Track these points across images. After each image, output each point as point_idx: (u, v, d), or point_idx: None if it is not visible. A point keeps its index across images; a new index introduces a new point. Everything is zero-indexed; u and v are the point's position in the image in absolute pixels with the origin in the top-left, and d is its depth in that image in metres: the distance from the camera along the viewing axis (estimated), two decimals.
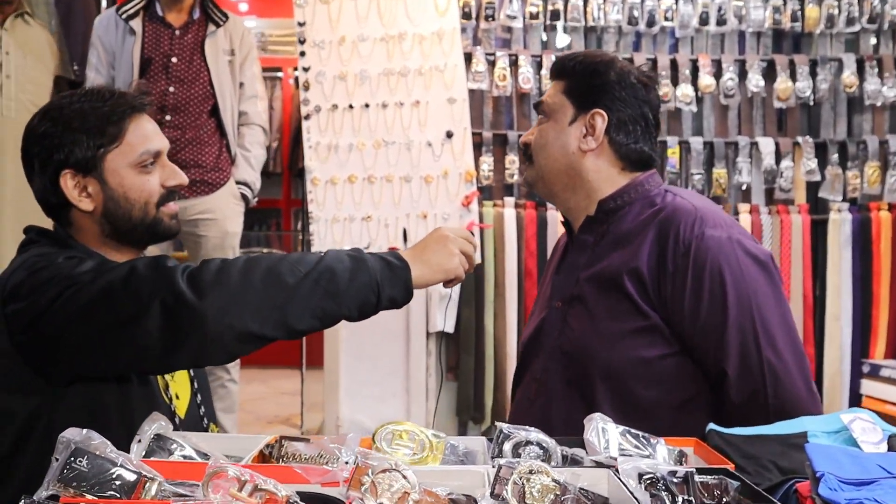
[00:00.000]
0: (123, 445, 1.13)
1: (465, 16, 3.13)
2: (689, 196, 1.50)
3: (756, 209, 3.04)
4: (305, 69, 3.08)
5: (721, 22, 3.09)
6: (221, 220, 2.98)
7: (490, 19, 3.13)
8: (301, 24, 3.08)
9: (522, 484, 0.90)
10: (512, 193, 3.15)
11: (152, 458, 1.08)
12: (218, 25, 2.99)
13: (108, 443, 0.94)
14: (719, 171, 3.06)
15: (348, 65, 3.07)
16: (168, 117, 2.90)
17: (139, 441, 1.11)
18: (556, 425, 1.44)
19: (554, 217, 3.06)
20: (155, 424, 1.12)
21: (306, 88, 3.09)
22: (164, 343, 1.13)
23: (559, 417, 1.46)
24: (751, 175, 3.06)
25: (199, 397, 1.42)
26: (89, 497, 0.90)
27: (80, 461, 0.91)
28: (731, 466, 1.04)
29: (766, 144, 3.06)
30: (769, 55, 3.12)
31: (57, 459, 0.92)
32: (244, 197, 3.06)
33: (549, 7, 3.12)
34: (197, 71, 2.95)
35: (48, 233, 1.33)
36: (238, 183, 3.04)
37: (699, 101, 3.10)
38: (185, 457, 1.11)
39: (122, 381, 1.25)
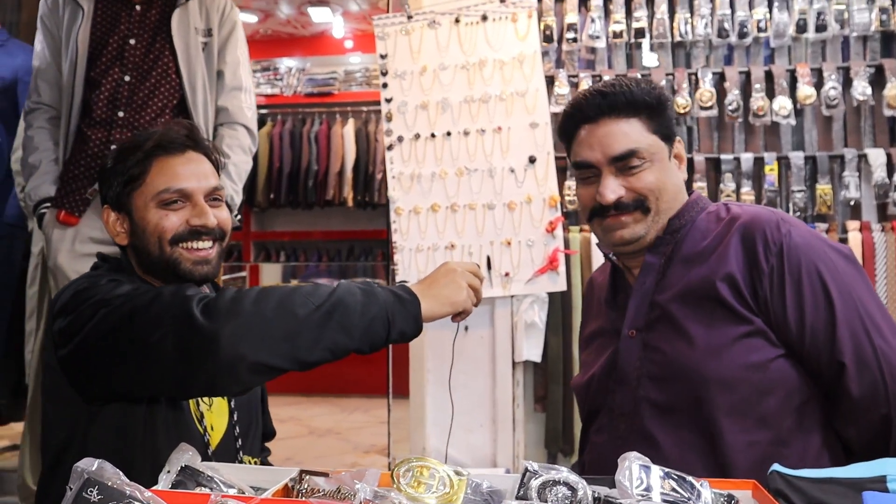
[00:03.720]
0: (147, 470, 1.15)
1: (547, 39, 3.08)
2: (753, 205, 1.50)
3: (867, 226, 2.80)
4: (388, 100, 3.12)
5: (820, 28, 2.90)
6: None
7: (572, 41, 3.07)
8: (383, 57, 3.12)
9: None
10: None
11: (178, 490, 1.08)
12: None
13: (121, 473, 0.94)
14: (823, 188, 2.85)
15: (430, 94, 3.08)
16: (121, 114, 2.31)
17: (168, 472, 1.11)
18: (669, 456, 1.36)
19: None
20: (185, 455, 1.13)
21: (389, 119, 3.12)
22: (179, 368, 1.15)
23: (670, 447, 1.38)
24: (859, 190, 2.83)
25: (237, 430, 1.42)
26: None
27: (92, 491, 0.92)
28: None
29: (877, 156, 2.82)
30: (877, 60, 2.89)
31: (71, 488, 0.94)
32: None
33: (634, 25, 3.02)
34: (158, 55, 2.34)
35: (108, 258, 1.41)
36: None
37: (798, 113, 2.91)
38: (212, 489, 1.11)
39: (151, 406, 1.29)
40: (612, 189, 1.45)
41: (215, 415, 1.39)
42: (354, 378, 5.62)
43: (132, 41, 2.34)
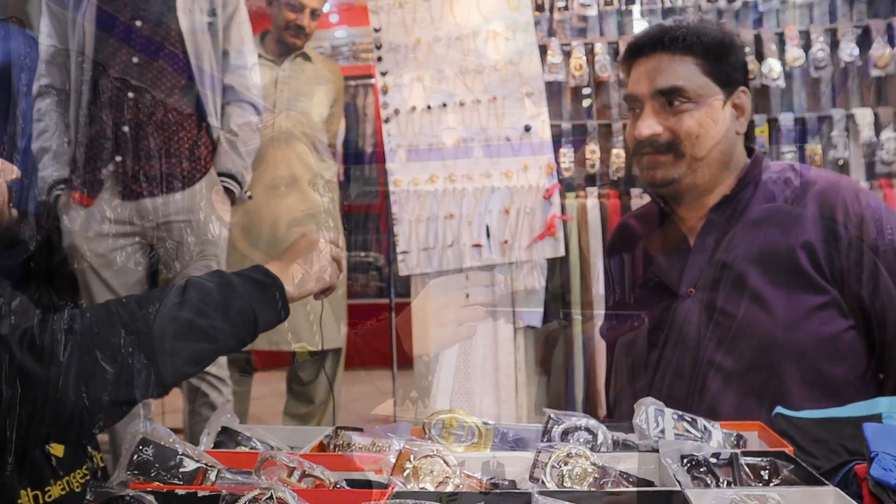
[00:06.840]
0: None
1: (539, 8, 3.11)
2: (828, 171, 1.53)
3: None
4: (383, 74, 3.14)
5: None
6: (200, 222, 2.41)
7: (563, 10, 3.10)
8: (377, 30, 3.14)
9: (560, 467, 0.90)
10: (594, 183, 3.11)
11: (219, 450, 1.14)
12: None
13: (172, 433, 1.00)
14: (813, 148, 2.91)
15: (424, 66, 3.11)
16: (131, 95, 2.34)
17: (208, 434, 1.18)
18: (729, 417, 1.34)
19: (639, 205, 3.00)
20: (222, 417, 1.19)
21: (385, 92, 3.15)
22: (20, 422, 0.99)
23: (730, 412, 1.36)
24: (848, 149, 2.90)
25: None
26: (155, 483, 0.97)
27: (147, 450, 0.98)
28: (789, 450, 1.01)
29: (864, 116, 2.88)
30: (864, 21, 2.94)
31: (126, 449, 1.00)
32: (229, 192, 2.48)
33: None
34: (165, 35, 2.37)
35: None
36: (221, 175, 2.47)
37: (787, 75, 2.97)
38: (251, 448, 1.17)
39: None
40: (648, 125, 1.42)
41: None
42: (355, 350, 5.67)
43: (138, 23, 2.37)
